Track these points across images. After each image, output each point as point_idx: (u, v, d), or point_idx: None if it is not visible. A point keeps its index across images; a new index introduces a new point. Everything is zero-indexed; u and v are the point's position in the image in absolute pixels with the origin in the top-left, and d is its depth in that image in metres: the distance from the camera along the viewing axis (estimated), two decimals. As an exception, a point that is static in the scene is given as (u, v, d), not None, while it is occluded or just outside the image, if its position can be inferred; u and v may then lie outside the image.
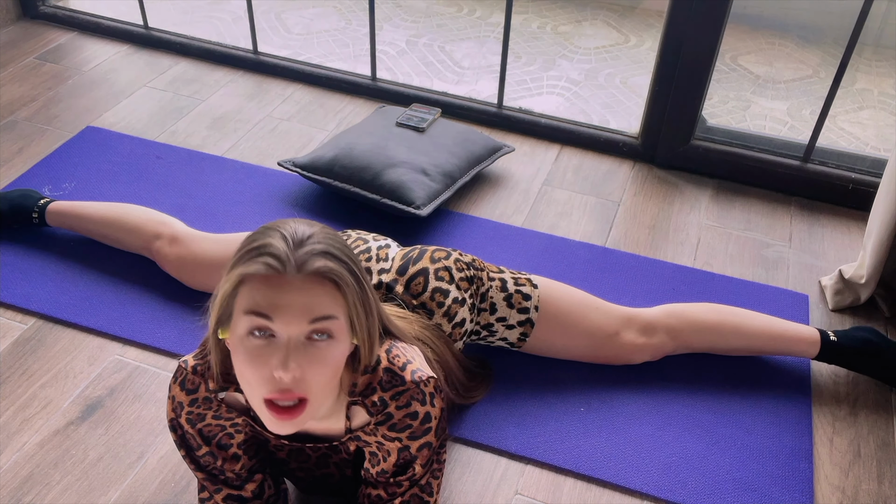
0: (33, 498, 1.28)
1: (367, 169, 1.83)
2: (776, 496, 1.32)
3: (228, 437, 1.10)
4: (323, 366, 0.93)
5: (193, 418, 1.09)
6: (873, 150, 2.22)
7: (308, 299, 0.90)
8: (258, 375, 0.92)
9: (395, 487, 1.09)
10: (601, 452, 1.37)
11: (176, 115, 2.19)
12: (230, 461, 1.12)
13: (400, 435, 1.04)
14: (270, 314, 0.90)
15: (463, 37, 2.72)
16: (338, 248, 0.94)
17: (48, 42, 2.47)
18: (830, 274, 1.73)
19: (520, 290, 1.42)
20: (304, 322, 0.91)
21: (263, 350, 0.91)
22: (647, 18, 2.91)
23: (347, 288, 0.93)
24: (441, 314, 1.33)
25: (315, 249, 0.91)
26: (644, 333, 1.48)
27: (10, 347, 1.52)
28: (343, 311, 0.94)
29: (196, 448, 1.11)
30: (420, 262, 1.36)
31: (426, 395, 1.04)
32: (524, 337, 1.44)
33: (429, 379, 1.05)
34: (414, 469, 1.07)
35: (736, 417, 1.44)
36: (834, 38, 2.77)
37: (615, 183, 2.01)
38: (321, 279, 0.91)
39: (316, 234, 0.93)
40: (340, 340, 0.94)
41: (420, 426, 1.04)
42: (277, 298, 0.90)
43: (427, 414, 1.04)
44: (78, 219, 1.70)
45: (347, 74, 2.32)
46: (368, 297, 0.97)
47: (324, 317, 0.91)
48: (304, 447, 1.13)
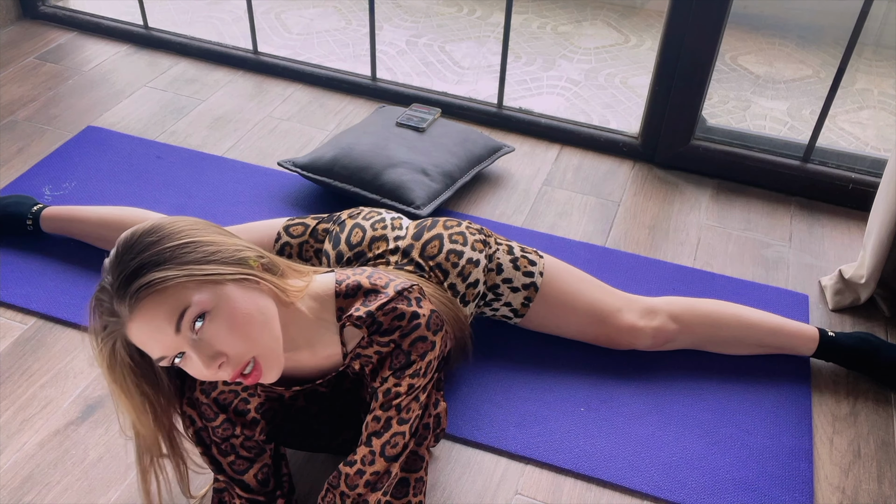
0: (33, 498, 1.28)
1: (368, 169, 1.83)
2: (776, 496, 1.32)
3: (244, 402, 1.15)
4: (232, 336, 0.96)
5: (207, 387, 1.13)
6: (873, 150, 2.22)
7: (156, 322, 0.94)
8: (209, 380, 1.00)
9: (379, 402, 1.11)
10: (601, 452, 1.37)
11: (176, 115, 2.19)
12: (249, 426, 1.15)
13: (391, 337, 1.07)
14: (159, 354, 0.97)
15: (463, 37, 2.72)
16: (141, 255, 0.96)
17: (48, 42, 2.47)
18: (830, 274, 1.73)
19: (526, 255, 1.46)
20: (174, 335, 0.95)
21: (189, 365, 0.99)
22: (647, 18, 2.91)
23: (171, 279, 0.95)
24: (455, 274, 1.37)
25: (130, 284, 0.94)
26: (646, 315, 1.49)
27: (10, 347, 1.52)
28: (190, 288, 0.96)
29: (213, 418, 1.14)
30: (434, 228, 1.41)
31: (411, 300, 1.09)
32: (528, 302, 1.45)
33: (412, 286, 1.10)
34: (410, 365, 1.08)
35: (736, 417, 1.44)
36: (834, 38, 2.77)
37: (615, 183, 2.01)
38: (148, 299, 0.94)
39: (126, 263, 0.96)
40: (219, 300, 0.97)
41: (408, 324, 1.07)
42: (144, 342, 0.96)
43: (414, 313, 1.08)
44: (74, 222, 1.68)
45: (347, 74, 2.32)
46: (196, 246, 0.99)
47: (179, 316, 0.95)
48: (315, 386, 1.16)
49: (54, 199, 1.85)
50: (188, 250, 0.97)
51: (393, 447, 1.09)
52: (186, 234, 0.99)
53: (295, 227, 1.49)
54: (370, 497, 1.10)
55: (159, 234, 0.97)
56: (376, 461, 1.09)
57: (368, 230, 1.41)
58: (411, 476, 1.13)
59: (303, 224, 1.49)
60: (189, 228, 1.00)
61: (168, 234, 0.98)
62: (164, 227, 0.98)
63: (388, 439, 1.09)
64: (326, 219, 1.48)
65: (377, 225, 1.41)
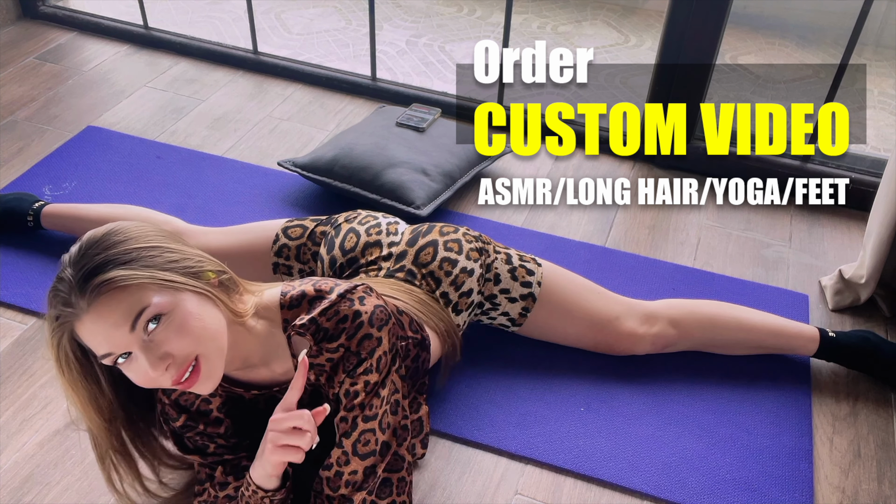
0: (33, 498, 1.28)
1: (367, 169, 1.83)
2: (776, 496, 1.32)
3: (205, 402, 1.16)
4: (182, 337, 0.97)
5: (168, 390, 1.15)
6: (873, 150, 2.22)
7: (112, 318, 0.95)
8: (147, 381, 0.99)
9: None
10: (601, 452, 1.37)
11: (176, 115, 2.19)
12: (213, 425, 1.17)
13: (339, 341, 1.07)
14: (107, 351, 0.97)
15: (463, 37, 2.72)
16: (105, 252, 0.97)
17: (48, 42, 2.47)
18: (830, 274, 1.73)
19: (524, 265, 1.45)
20: (127, 334, 0.96)
21: (132, 367, 0.98)
22: (647, 18, 2.91)
23: (134, 278, 0.96)
24: (448, 283, 1.36)
25: (91, 278, 0.95)
26: (645, 321, 1.49)
27: (10, 347, 1.52)
28: (150, 291, 0.97)
29: (175, 418, 1.16)
30: (430, 234, 1.39)
31: (353, 300, 1.09)
32: (525, 312, 1.45)
33: (355, 287, 1.10)
34: (362, 365, 1.08)
35: (736, 417, 1.44)
36: (834, 38, 2.77)
37: (615, 183, 2.01)
38: (109, 294, 0.95)
39: (90, 258, 0.97)
40: (176, 305, 0.98)
41: (352, 325, 1.07)
42: (96, 337, 0.96)
43: (356, 312, 1.08)
44: (75, 220, 1.68)
45: (347, 74, 2.32)
46: (161, 252, 1.00)
47: (136, 315, 0.96)
48: (273, 393, 1.16)
49: (54, 198, 1.85)
50: (154, 254, 0.99)
51: (364, 445, 1.10)
52: (152, 239, 1.01)
53: (294, 229, 1.49)
54: (355, 497, 1.10)
55: (126, 235, 1.00)
56: (351, 461, 1.09)
57: (363, 235, 1.40)
58: (393, 476, 1.13)
59: (301, 226, 1.49)
60: (154, 234, 1.02)
61: (134, 236, 1.00)
62: (130, 230, 1.01)
63: (358, 437, 1.09)
64: (325, 221, 1.48)
65: (372, 230, 1.41)
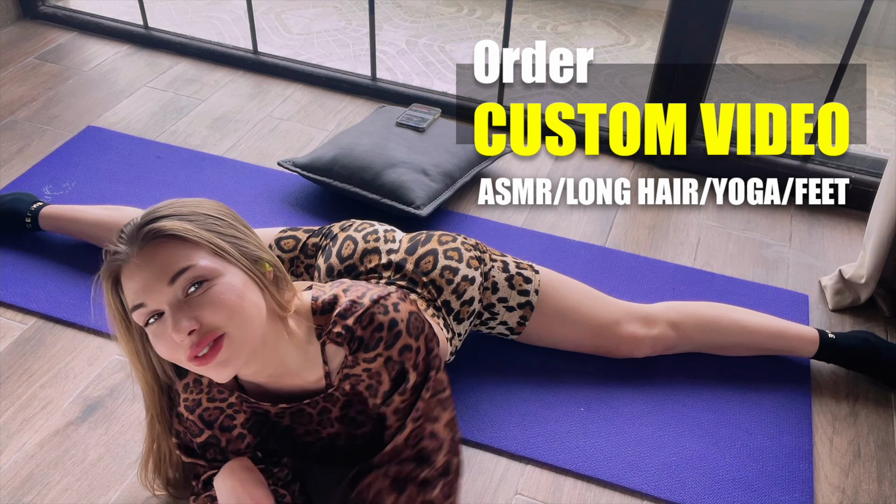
0: (33, 498, 1.28)
1: (367, 169, 1.83)
2: (776, 496, 1.32)
3: (230, 418, 1.15)
4: (215, 306, 0.97)
5: (191, 405, 1.13)
6: (873, 150, 2.22)
7: (155, 268, 0.96)
8: (168, 351, 0.98)
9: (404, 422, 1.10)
10: (601, 452, 1.37)
11: (176, 115, 2.19)
12: (235, 441, 1.16)
13: (377, 351, 1.07)
14: (141, 301, 0.96)
15: (463, 37, 2.72)
16: (173, 207, 1.00)
17: (48, 42, 2.47)
18: (830, 274, 1.73)
19: (521, 272, 1.44)
20: (164, 287, 0.96)
21: (160, 329, 0.98)
22: (647, 18, 2.91)
23: (189, 232, 0.97)
24: (450, 291, 1.35)
25: (148, 224, 0.97)
26: (645, 325, 1.48)
27: (10, 347, 1.52)
28: (201, 253, 0.98)
29: (198, 433, 1.15)
30: (429, 243, 1.38)
31: (388, 306, 1.07)
32: (524, 321, 1.44)
33: (388, 293, 1.09)
34: (408, 378, 1.08)
35: (736, 417, 1.44)
36: (834, 38, 2.77)
37: (615, 183, 2.01)
38: (160, 243, 0.97)
39: (157, 210, 1.00)
40: (220, 275, 0.98)
41: (389, 333, 1.06)
42: (136, 283, 0.97)
43: (392, 320, 1.07)
44: (73, 222, 1.67)
45: (347, 74, 2.32)
46: (226, 226, 1.02)
47: (179, 271, 0.96)
48: (302, 406, 1.15)
49: (54, 199, 1.85)
50: (218, 225, 1.01)
51: (425, 438, 1.10)
52: (225, 214, 1.04)
53: (286, 240, 1.46)
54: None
55: (200, 204, 1.03)
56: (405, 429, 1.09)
57: (360, 242, 1.38)
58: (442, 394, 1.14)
59: (294, 238, 1.46)
60: (227, 213, 1.05)
61: (208, 206, 1.03)
62: (206, 202, 1.04)
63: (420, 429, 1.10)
64: (316, 233, 1.46)
65: (369, 237, 1.39)
